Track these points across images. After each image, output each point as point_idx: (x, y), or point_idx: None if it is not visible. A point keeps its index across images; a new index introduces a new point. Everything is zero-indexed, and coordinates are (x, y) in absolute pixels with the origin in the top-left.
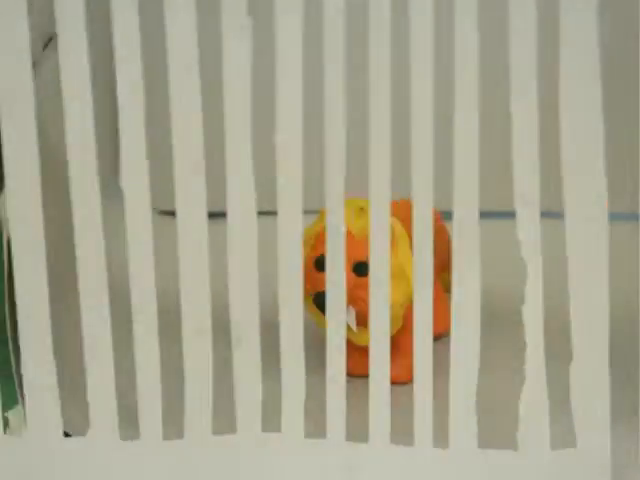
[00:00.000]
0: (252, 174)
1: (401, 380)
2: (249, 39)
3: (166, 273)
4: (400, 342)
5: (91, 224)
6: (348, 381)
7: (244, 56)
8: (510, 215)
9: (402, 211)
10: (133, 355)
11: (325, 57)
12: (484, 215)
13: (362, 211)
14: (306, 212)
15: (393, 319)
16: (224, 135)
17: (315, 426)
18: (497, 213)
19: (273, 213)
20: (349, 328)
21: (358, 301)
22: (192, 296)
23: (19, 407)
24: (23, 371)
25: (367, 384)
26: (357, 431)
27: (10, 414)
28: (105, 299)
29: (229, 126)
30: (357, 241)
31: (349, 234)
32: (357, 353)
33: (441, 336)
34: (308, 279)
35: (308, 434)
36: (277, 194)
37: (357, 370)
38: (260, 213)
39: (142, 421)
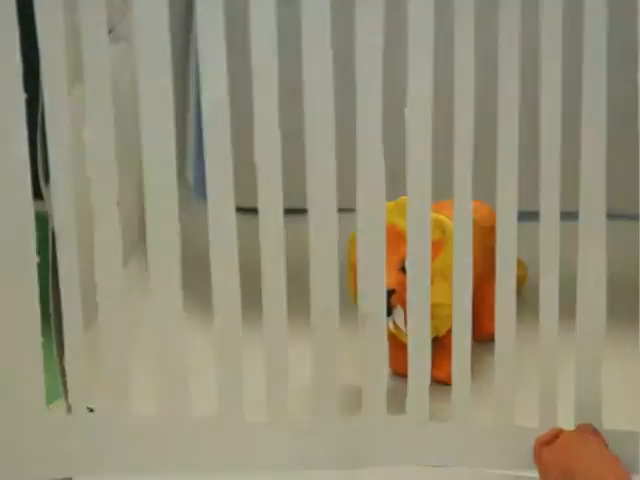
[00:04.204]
0: (335, 173)
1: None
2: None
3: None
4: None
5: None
6: (396, 380)
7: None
8: None
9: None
10: None
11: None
12: None
13: None
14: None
15: (445, 319)
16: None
17: None
18: None
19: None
20: (398, 328)
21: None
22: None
23: (61, 400)
24: (66, 365)
25: None
26: None
27: (53, 406)
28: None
29: (310, 126)
30: (405, 239)
31: (397, 233)
32: (405, 352)
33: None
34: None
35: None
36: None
37: (404, 369)
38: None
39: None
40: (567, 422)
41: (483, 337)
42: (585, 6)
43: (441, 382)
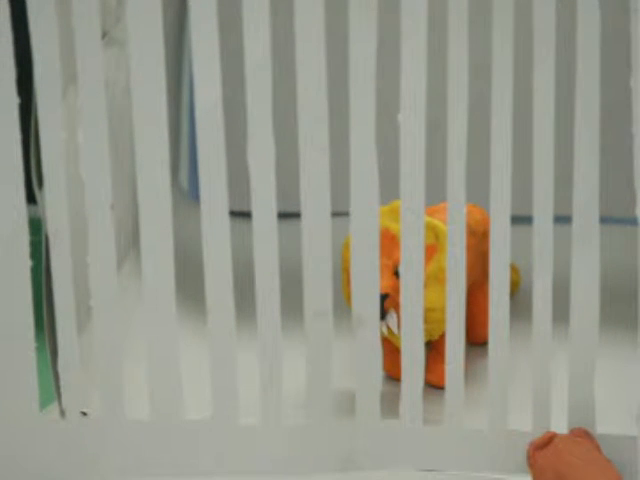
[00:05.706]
0: (328, 177)
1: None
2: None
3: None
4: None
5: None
6: (389, 383)
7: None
8: None
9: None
10: None
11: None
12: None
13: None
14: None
15: (438, 323)
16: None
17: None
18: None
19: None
20: (392, 332)
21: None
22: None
23: (55, 404)
24: (60, 370)
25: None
26: None
27: (46, 410)
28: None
29: (304, 130)
30: (399, 243)
31: (391, 237)
32: (398, 355)
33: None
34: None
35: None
36: (351, 196)
37: (397, 373)
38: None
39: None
40: (560, 426)
41: (476, 341)
42: (578, 14)
43: (435, 386)
